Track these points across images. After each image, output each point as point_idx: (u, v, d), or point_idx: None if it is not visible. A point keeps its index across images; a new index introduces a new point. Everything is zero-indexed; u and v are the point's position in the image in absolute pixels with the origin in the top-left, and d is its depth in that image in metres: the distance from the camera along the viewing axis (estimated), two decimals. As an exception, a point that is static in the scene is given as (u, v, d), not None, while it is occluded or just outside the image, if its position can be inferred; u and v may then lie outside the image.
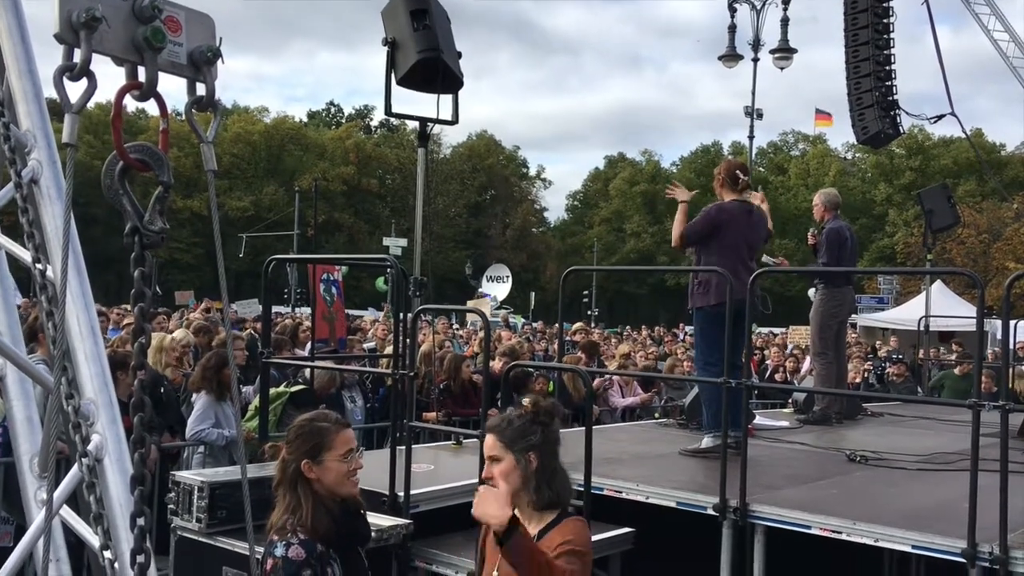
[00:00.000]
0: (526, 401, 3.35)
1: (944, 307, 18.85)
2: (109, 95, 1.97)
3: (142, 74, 1.87)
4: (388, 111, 6.92)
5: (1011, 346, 12.50)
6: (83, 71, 1.78)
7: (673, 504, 5.15)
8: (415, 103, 6.97)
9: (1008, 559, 4.02)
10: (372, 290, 44.06)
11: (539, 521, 3.10)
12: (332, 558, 3.11)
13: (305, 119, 78.55)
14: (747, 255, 6.58)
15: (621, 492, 5.27)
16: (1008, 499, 4.07)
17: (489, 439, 3.16)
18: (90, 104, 1.87)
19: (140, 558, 1.79)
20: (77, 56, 1.78)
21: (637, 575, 5.27)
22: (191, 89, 1.97)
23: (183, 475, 4.88)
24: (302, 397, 7.06)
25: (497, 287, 45.13)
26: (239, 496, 3.17)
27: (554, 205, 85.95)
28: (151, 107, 2.03)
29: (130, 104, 1.96)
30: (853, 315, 34.38)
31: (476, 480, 4.83)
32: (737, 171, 6.66)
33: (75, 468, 2.05)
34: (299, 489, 3.14)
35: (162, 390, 7.39)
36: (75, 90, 1.82)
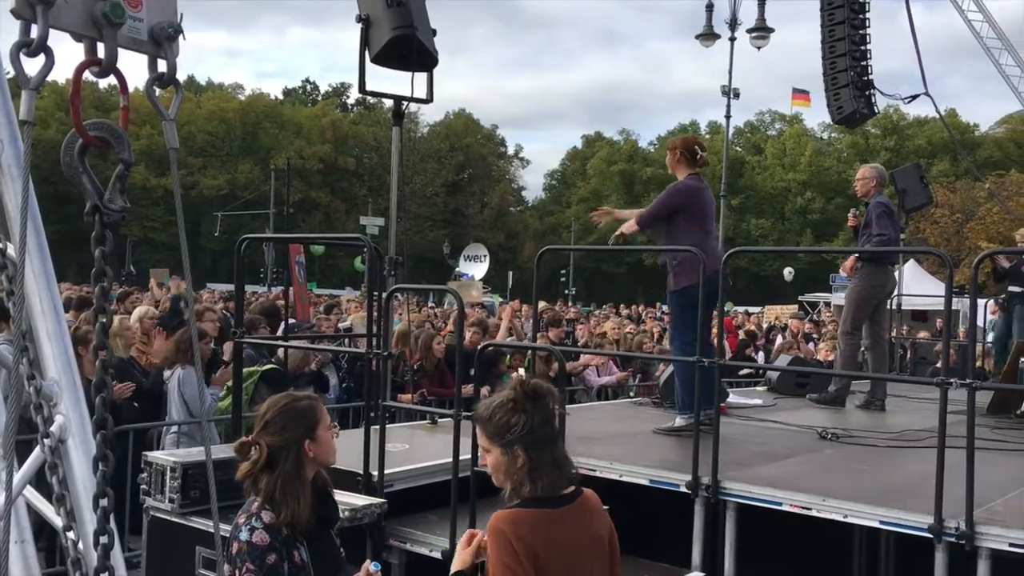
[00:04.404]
0: (514, 377, 3.18)
1: (917, 286, 19.03)
2: (70, 72, 1.93)
3: (102, 50, 1.84)
4: (362, 89, 6.86)
5: (978, 324, 12.62)
6: (40, 47, 1.75)
7: (646, 482, 5.18)
8: (390, 80, 6.92)
9: (974, 535, 4.08)
10: (349, 270, 43.87)
11: None
12: (299, 541, 3.07)
13: (280, 96, 77.78)
14: (709, 228, 6.63)
15: (595, 470, 5.28)
16: (974, 475, 4.13)
17: (477, 427, 2.93)
18: (62, 81, 1.85)
19: (103, 539, 1.78)
20: (35, 32, 1.75)
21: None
22: (152, 66, 1.94)
23: (155, 455, 4.85)
24: (274, 376, 7.02)
25: (475, 266, 44.92)
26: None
27: (532, 184, 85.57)
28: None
29: (102, 80, 1.93)
30: (827, 294, 34.80)
31: (450, 459, 4.84)
32: (696, 147, 6.68)
33: (37, 449, 2.03)
34: (301, 474, 3.08)
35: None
36: (33, 66, 1.79)
